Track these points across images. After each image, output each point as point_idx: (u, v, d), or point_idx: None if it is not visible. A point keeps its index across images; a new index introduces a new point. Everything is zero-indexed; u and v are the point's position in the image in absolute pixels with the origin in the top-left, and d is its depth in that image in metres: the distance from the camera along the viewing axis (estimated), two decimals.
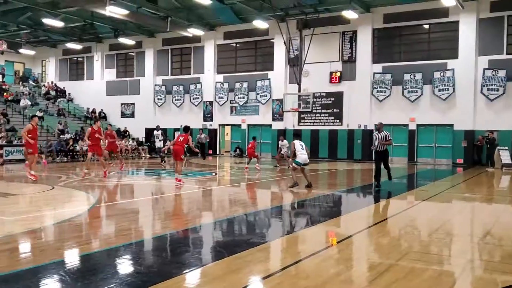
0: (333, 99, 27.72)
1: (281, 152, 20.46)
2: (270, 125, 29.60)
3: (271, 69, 29.57)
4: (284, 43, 27.31)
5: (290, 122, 28.81)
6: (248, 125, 30.67)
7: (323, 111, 28.03)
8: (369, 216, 9.31)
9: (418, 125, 25.77)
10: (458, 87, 24.29)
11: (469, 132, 24.20)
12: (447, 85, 24.52)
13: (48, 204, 9.96)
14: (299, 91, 26.77)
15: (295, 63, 27.39)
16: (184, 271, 4.98)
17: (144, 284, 4.43)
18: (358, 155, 26.88)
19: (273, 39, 29.12)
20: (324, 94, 27.90)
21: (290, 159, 20.15)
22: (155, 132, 23.65)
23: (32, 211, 8.94)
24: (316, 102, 27.77)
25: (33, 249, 5.98)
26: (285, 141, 20.32)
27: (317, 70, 27.77)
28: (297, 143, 12.57)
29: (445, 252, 6.16)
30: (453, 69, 24.42)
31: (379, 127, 12.98)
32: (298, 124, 28.68)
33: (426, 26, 25.72)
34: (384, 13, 26.26)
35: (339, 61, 27.55)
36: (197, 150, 22.35)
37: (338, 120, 27.60)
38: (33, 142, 13.81)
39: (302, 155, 12.42)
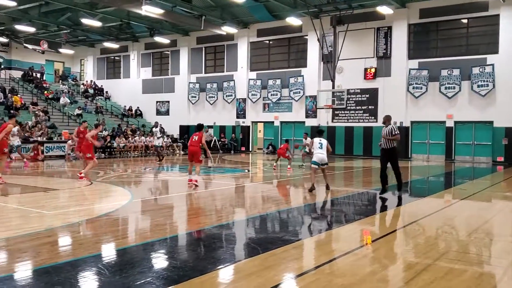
0: (367, 95, 27.33)
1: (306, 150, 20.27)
2: (303, 122, 29.44)
3: (305, 65, 29.40)
4: (318, 39, 27.10)
5: (323, 119, 28.59)
6: (281, 122, 30.62)
7: (357, 107, 27.68)
8: (404, 214, 9.15)
9: (455, 122, 25.08)
10: (498, 83, 23.49)
11: (510, 129, 23.39)
12: (487, 81, 23.76)
13: (87, 199, 10.25)
14: (333, 87, 26.52)
15: (329, 60, 27.15)
16: (219, 267, 5.02)
17: (180, 279, 4.50)
18: None
19: (307, 35, 28.93)
20: (359, 91, 27.54)
21: (303, 156, 20.02)
22: (153, 129, 21.88)
23: (71, 205, 9.20)
24: (351, 99, 27.45)
25: (73, 243, 6.15)
26: (308, 139, 20.14)
27: (351, 67, 27.43)
28: (316, 141, 11.70)
29: (485, 252, 5.98)
30: (493, 64, 23.64)
31: (385, 120, 11.36)
32: (332, 121, 28.43)
33: (464, 21, 24.97)
34: (420, 8, 25.66)
35: (373, 57, 27.12)
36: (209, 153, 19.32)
37: (373, 117, 27.20)
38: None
39: (319, 154, 11.55)
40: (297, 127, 30.00)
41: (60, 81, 37.38)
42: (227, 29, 29.00)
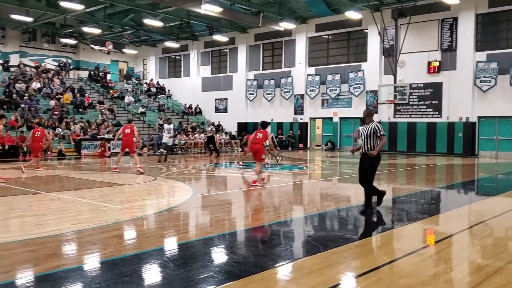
0: (431, 90, 26.34)
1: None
2: None
3: (365, 60, 28.78)
4: (379, 33, 26.44)
5: (385, 114, 27.89)
6: (340, 118, 30.18)
7: (420, 102, 26.75)
8: (471, 214, 8.74)
9: None
10: None
11: None
12: None
13: (151, 194, 10.61)
14: (395, 82, 25.81)
15: (390, 54, 26.41)
16: (280, 263, 5.04)
17: (242, 274, 4.55)
18: (459, 149, 25.31)
19: (367, 29, 28.30)
20: (422, 85, 26.59)
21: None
22: (166, 125, 19.36)
23: (137, 200, 9.56)
24: (413, 94, 26.57)
25: (139, 236, 6.39)
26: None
27: (414, 60, 26.53)
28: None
29: None
30: None
31: (365, 116, 8.64)
32: (394, 117, 27.67)
33: None
34: None
35: (437, 50, 26.07)
36: (272, 151, 18.14)
37: (437, 112, 26.18)
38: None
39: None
40: (357, 123, 29.36)
41: (125, 80, 38.93)
42: (285, 25, 28.95)
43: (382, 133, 8.36)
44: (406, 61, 26.66)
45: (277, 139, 31.80)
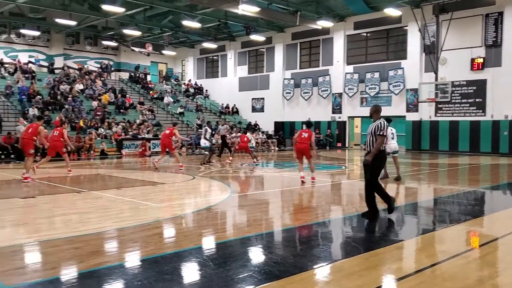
0: (474, 87, 25.48)
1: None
2: (404, 117, 28.23)
3: (405, 57, 28.16)
4: (419, 29, 25.80)
5: (426, 113, 27.21)
6: (380, 117, 29.58)
7: (463, 100, 25.93)
8: None
9: None
10: None
11: None
12: None
13: (190, 193, 10.75)
14: (436, 80, 25.12)
15: (431, 51, 25.73)
16: (320, 264, 4.99)
17: (282, 274, 4.53)
18: (504, 149, 24.39)
19: (407, 26, 27.67)
20: (465, 83, 25.77)
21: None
22: (205, 127, 19.07)
23: (176, 198, 9.71)
24: (455, 91, 25.79)
25: (179, 234, 6.48)
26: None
27: (456, 57, 25.74)
28: (389, 131, 11.31)
29: None
30: None
31: (372, 113, 7.91)
32: (435, 115, 26.95)
33: None
34: None
35: (481, 46, 25.19)
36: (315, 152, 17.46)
37: (480, 111, 25.32)
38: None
39: (392, 144, 12.21)
40: (397, 121, 28.83)
41: (164, 81, 39.61)
42: (322, 23, 28.71)
43: (381, 132, 7.41)
44: (448, 58, 25.90)
45: (315, 138, 31.58)
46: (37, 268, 4.82)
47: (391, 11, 25.91)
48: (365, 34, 30.35)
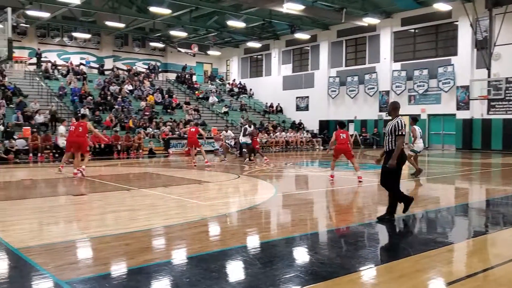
0: None
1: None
2: (454, 115, 27.31)
3: (455, 53, 27.21)
4: (471, 24, 24.89)
5: (477, 111, 26.20)
6: (429, 115, 28.80)
7: None
8: None
9: None
10: None
11: None
12: None
13: (234, 192, 10.83)
14: (489, 76, 24.15)
15: (484, 46, 24.76)
16: (368, 266, 4.90)
17: (329, 275, 4.48)
18: None
19: (457, 21, 26.73)
20: None
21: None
22: (248, 128, 18.64)
23: (221, 197, 9.81)
24: (510, 88, 24.68)
25: (225, 233, 6.53)
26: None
27: (510, 52, 24.62)
28: (418, 130, 12.96)
29: None
30: None
31: (390, 110, 7.57)
32: (488, 113, 25.89)
33: None
34: None
35: None
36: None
37: None
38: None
39: (420, 143, 13.33)
40: (447, 120, 27.98)
41: (209, 81, 40.12)
42: (368, 20, 28.21)
43: (401, 132, 6.99)
44: (501, 54, 24.82)
45: (361, 137, 31.12)
46: (89, 264, 4.98)
47: (441, 6, 25.13)
48: (413, 30, 29.57)
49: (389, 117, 7.52)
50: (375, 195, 10.60)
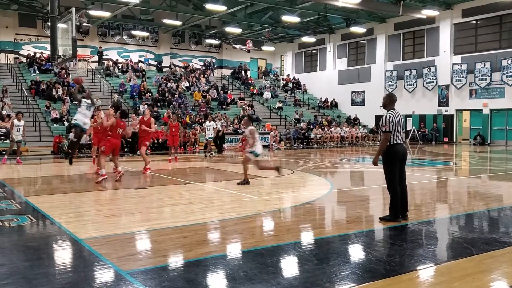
0: None
1: None
2: None
3: None
4: None
5: None
6: (491, 110, 27.47)
7: None
8: None
9: None
10: None
11: None
12: None
13: (289, 187, 10.82)
14: None
15: None
16: (428, 265, 4.76)
17: (388, 273, 4.40)
18: None
19: None
20: None
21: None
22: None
23: (276, 192, 9.83)
24: None
25: (281, 228, 6.54)
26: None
27: None
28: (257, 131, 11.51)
29: None
30: None
31: (384, 102, 7.02)
32: None
33: None
34: None
35: None
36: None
37: None
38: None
39: (259, 146, 11.41)
40: (511, 114, 26.57)
41: (263, 77, 40.25)
42: (427, 12, 27.26)
43: (384, 128, 6.50)
44: None
45: (419, 132, 30.17)
46: (150, 255, 5.16)
47: None
48: (474, 21, 28.26)
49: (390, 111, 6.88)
50: (435, 193, 10.27)
